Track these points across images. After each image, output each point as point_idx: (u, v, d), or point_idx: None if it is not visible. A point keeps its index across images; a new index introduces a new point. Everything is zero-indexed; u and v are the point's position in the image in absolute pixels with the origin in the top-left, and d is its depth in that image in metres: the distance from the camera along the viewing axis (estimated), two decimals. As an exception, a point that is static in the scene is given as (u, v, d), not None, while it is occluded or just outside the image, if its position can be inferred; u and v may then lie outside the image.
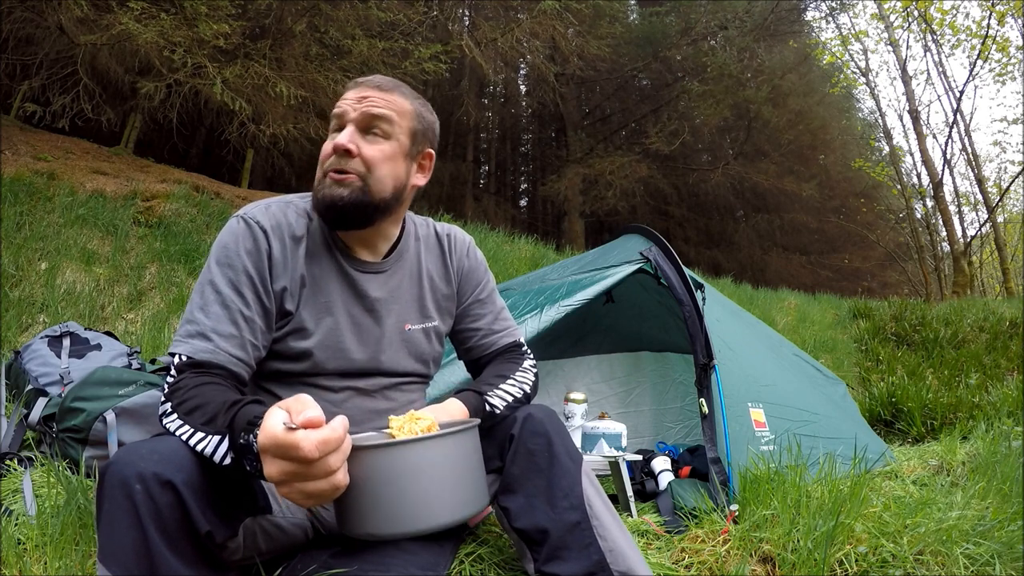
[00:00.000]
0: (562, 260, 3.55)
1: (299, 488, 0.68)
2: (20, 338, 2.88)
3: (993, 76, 10.27)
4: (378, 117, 1.07)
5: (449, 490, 0.72)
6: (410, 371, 1.19)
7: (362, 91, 1.08)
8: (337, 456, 0.69)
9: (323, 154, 1.08)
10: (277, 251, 1.07)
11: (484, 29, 8.49)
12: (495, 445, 1.08)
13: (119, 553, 0.77)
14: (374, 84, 1.10)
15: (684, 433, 2.87)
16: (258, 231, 1.06)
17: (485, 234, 7.10)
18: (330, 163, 1.06)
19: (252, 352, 1.01)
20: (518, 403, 1.15)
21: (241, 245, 1.04)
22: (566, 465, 1.02)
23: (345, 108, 1.08)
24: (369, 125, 1.07)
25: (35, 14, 5.39)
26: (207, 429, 0.83)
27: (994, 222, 11.93)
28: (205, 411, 0.85)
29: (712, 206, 14.69)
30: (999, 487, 1.69)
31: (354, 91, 1.09)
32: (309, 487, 0.68)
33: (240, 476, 0.83)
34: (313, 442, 0.67)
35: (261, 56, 5.78)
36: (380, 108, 1.07)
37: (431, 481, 0.71)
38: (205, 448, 0.82)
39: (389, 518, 0.70)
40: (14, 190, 4.31)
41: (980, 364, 4.79)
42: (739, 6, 10.90)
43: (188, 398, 0.88)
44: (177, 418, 0.87)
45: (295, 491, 0.69)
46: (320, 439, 0.68)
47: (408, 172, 1.14)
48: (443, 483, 0.72)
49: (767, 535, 1.36)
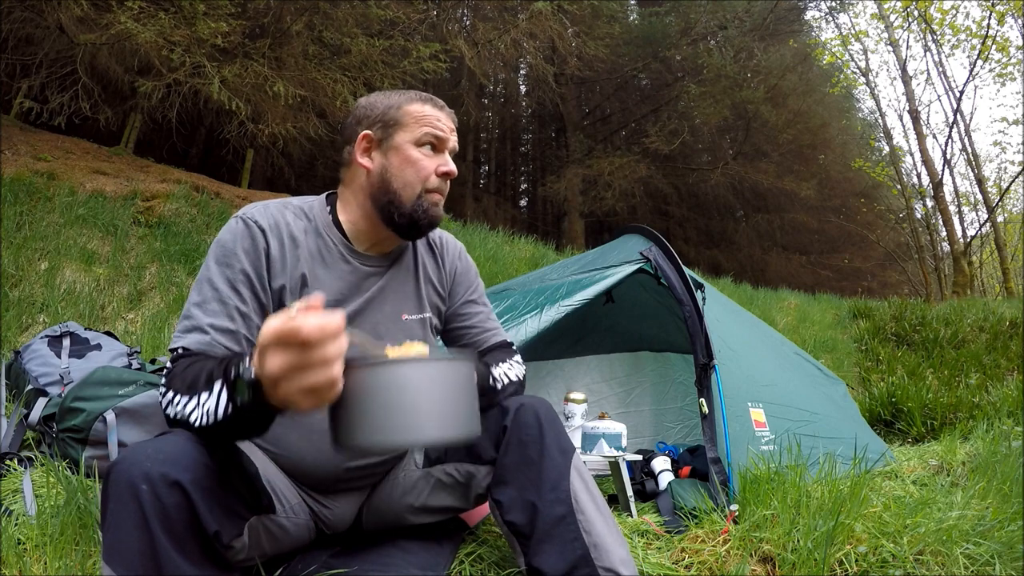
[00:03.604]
0: (562, 260, 3.55)
1: (297, 383, 0.68)
2: (20, 338, 2.87)
3: (993, 76, 10.27)
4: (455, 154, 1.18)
5: (438, 409, 0.74)
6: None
7: (450, 120, 1.17)
8: (335, 347, 0.69)
9: (425, 170, 1.12)
10: (275, 250, 1.07)
11: (482, 30, 8.49)
12: (489, 436, 1.09)
13: (125, 553, 0.77)
14: (453, 118, 1.18)
15: (684, 433, 2.86)
16: (256, 230, 1.07)
17: (485, 234, 7.09)
18: (433, 184, 1.12)
19: (247, 347, 1.02)
20: (514, 388, 1.18)
21: (239, 244, 1.05)
22: (555, 457, 1.03)
23: (447, 135, 1.14)
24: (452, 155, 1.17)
25: (35, 13, 5.39)
26: (207, 388, 0.82)
27: (994, 222, 11.93)
28: (201, 377, 0.84)
29: (712, 206, 14.70)
30: (999, 487, 1.69)
31: (444, 116, 1.16)
32: (308, 379, 0.68)
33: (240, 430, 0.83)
34: (313, 324, 0.66)
35: (260, 55, 5.78)
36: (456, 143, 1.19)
37: (420, 396, 0.73)
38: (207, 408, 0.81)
39: (378, 429, 0.72)
40: (14, 190, 4.31)
41: (980, 364, 4.79)
42: (739, 6, 10.90)
43: (186, 376, 0.88)
44: (177, 395, 0.87)
45: (294, 387, 0.68)
46: (319, 321, 0.67)
47: None
48: (432, 402, 0.74)
49: (767, 535, 1.36)
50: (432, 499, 1.17)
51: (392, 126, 1.11)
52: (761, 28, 10.65)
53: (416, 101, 1.13)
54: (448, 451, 1.16)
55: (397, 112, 1.11)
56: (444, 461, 1.17)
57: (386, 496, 1.19)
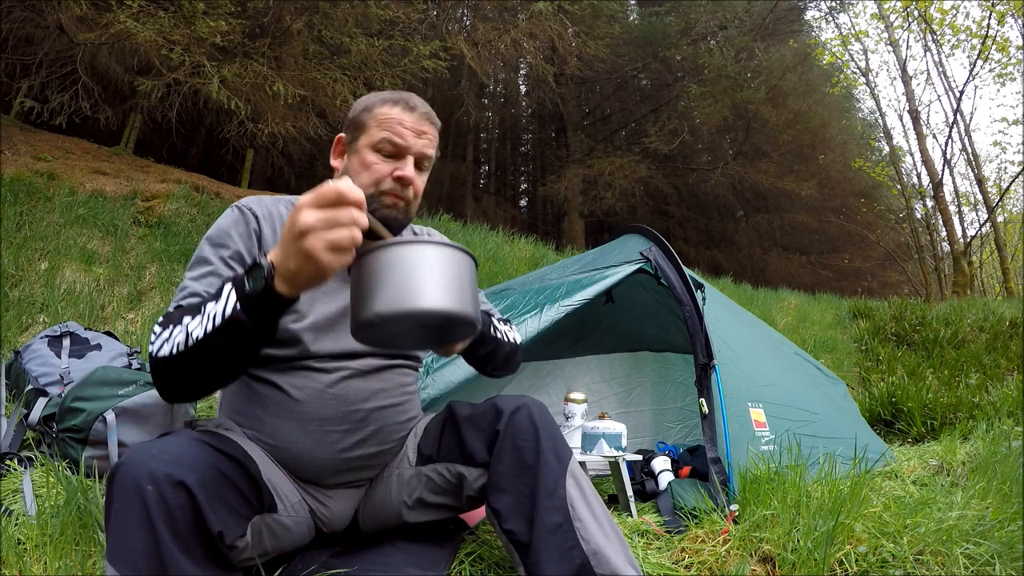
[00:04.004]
0: (562, 260, 3.55)
1: (325, 236, 0.75)
2: (20, 338, 2.87)
3: (993, 76, 10.27)
4: (430, 157, 1.15)
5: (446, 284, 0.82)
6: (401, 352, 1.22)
7: (420, 123, 1.13)
8: (360, 213, 0.77)
9: (377, 173, 1.11)
10: (268, 235, 1.12)
11: (482, 30, 8.49)
12: (482, 438, 1.09)
13: (129, 553, 0.78)
14: (429, 119, 1.15)
15: (684, 433, 2.86)
16: (250, 216, 1.13)
17: (485, 234, 7.09)
18: (387, 186, 1.10)
19: None
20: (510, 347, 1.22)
21: (234, 228, 1.11)
22: (551, 463, 1.01)
23: (408, 140, 1.12)
24: (421, 161, 1.14)
25: (35, 13, 5.39)
26: (214, 299, 0.84)
27: (994, 222, 11.92)
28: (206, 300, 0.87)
29: (712, 206, 14.70)
30: (999, 487, 1.69)
31: (410, 118, 1.13)
32: (335, 234, 0.75)
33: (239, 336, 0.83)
34: (347, 186, 0.76)
35: (260, 55, 5.78)
36: (432, 149, 1.16)
37: (431, 269, 0.82)
38: (213, 313, 0.83)
39: (393, 297, 0.79)
40: (14, 190, 4.31)
41: (980, 364, 4.79)
42: (739, 6, 10.90)
43: (184, 310, 0.90)
44: (174, 326, 0.88)
45: (320, 241, 0.74)
46: (351, 186, 0.77)
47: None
48: (441, 277, 0.82)
49: (767, 535, 1.36)
50: (426, 496, 1.17)
51: (358, 129, 1.14)
52: (761, 28, 10.64)
53: (387, 103, 1.13)
54: (440, 449, 1.15)
55: (366, 115, 1.13)
56: (436, 460, 1.16)
57: (381, 494, 1.19)
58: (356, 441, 1.12)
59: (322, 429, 1.09)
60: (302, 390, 1.09)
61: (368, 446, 1.14)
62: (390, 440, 1.18)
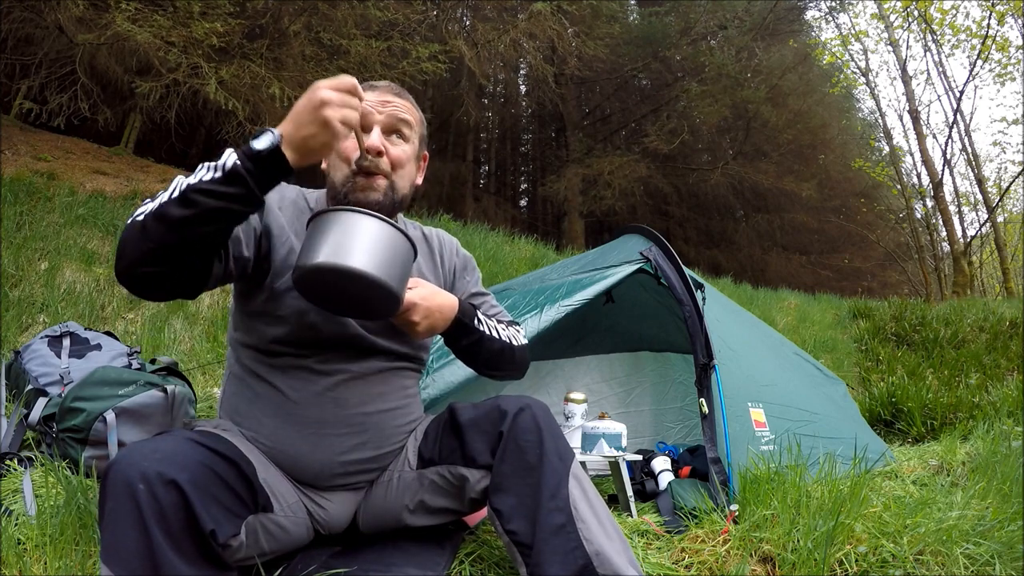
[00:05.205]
0: (562, 260, 3.55)
1: (340, 110, 0.87)
2: (20, 338, 2.87)
3: (993, 76, 10.27)
4: (402, 121, 1.15)
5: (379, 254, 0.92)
6: (402, 353, 1.20)
7: (383, 95, 1.15)
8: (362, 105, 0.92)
9: (347, 150, 1.12)
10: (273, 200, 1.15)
11: (482, 30, 8.48)
12: (485, 440, 1.08)
13: (122, 553, 0.77)
14: (392, 91, 1.17)
15: (684, 433, 2.86)
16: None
17: (485, 234, 7.09)
18: (362, 162, 1.11)
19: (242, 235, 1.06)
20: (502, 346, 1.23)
21: None
22: (554, 464, 1.01)
23: (371, 117, 1.12)
24: (393, 128, 1.15)
25: (34, 14, 5.39)
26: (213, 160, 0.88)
27: (994, 222, 11.93)
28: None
29: (712, 206, 14.69)
30: (999, 487, 1.69)
31: (373, 94, 1.15)
32: (347, 111, 0.87)
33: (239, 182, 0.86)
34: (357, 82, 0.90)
35: (258, 56, 5.78)
36: (403, 113, 1.16)
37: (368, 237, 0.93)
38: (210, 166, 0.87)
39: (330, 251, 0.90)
40: (14, 190, 4.30)
41: (980, 364, 4.79)
42: (739, 6, 10.90)
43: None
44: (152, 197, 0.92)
45: (336, 112, 0.86)
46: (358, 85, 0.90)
47: (416, 173, 1.23)
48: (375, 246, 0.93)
49: (767, 535, 1.36)
50: (427, 499, 1.16)
51: None
52: (761, 28, 10.64)
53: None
54: (441, 452, 1.14)
55: None
56: (437, 463, 1.15)
57: (381, 497, 1.18)
58: (354, 445, 1.12)
59: (320, 432, 1.09)
60: (300, 392, 1.09)
61: (367, 449, 1.14)
62: (389, 443, 1.17)
